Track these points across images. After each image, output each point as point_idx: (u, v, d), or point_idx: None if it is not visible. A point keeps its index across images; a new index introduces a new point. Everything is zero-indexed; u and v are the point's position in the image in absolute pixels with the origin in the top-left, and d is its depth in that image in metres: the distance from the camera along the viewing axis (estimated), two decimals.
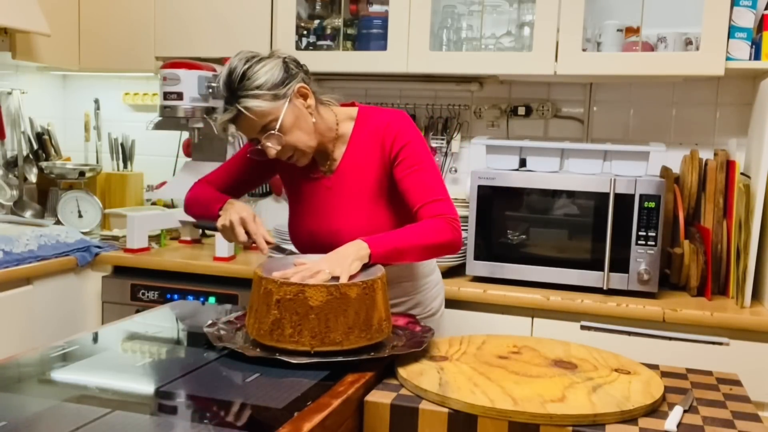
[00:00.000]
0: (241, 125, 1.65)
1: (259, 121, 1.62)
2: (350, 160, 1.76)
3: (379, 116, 1.77)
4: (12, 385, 1.23)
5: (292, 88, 1.65)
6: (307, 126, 1.67)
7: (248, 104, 1.60)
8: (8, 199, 3.03)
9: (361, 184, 1.75)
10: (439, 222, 1.63)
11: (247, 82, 1.60)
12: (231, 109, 1.62)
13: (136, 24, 2.87)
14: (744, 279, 2.14)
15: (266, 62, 1.64)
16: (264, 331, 1.39)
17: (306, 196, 1.80)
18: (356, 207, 1.75)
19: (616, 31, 2.46)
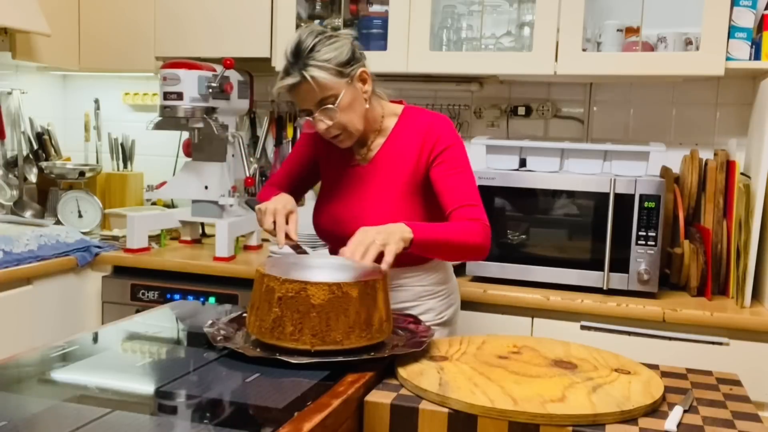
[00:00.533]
0: (300, 93, 1.67)
1: (319, 93, 1.65)
2: (387, 152, 1.80)
3: (424, 116, 1.82)
4: (12, 385, 1.23)
5: (356, 70, 1.70)
6: (360, 110, 1.73)
7: (314, 74, 1.63)
8: (8, 199, 3.03)
9: (393, 178, 1.78)
10: (476, 225, 1.67)
11: (317, 54, 1.63)
12: (295, 75, 1.64)
13: (136, 24, 2.87)
14: (744, 279, 2.14)
15: (336, 39, 1.68)
16: (265, 329, 1.39)
17: (337, 181, 1.84)
18: (385, 198, 1.78)
19: (616, 31, 2.46)
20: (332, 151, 1.86)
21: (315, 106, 1.67)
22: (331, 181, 1.87)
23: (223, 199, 2.64)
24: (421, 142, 1.77)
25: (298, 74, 1.64)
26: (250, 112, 3.00)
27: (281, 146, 3.07)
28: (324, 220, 1.85)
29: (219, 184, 2.66)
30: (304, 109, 1.71)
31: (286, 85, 1.66)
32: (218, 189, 2.66)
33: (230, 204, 2.65)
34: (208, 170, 2.69)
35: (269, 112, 3.08)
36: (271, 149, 3.10)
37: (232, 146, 2.73)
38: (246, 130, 3.12)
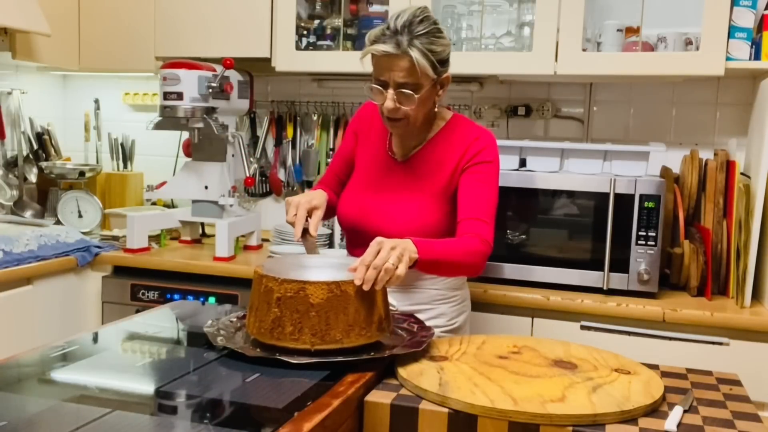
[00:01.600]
0: (390, 65, 1.65)
1: (409, 75, 1.65)
2: (428, 154, 1.81)
3: (472, 127, 1.84)
4: (12, 385, 1.23)
5: (446, 73, 1.73)
6: (429, 108, 1.76)
7: (416, 55, 1.62)
8: (8, 199, 3.03)
9: (430, 180, 1.79)
10: (477, 245, 1.68)
11: (426, 40, 1.64)
12: (399, 47, 1.62)
13: (136, 24, 2.87)
14: (744, 279, 2.14)
15: (444, 36, 1.70)
16: (264, 330, 1.39)
17: (373, 173, 1.85)
18: (417, 199, 1.79)
19: (616, 31, 2.46)
20: (371, 142, 1.88)
21: (396, 84, 1.66)
22: (365, 172, 1.88)
23: (223, 199, 2.64)
24: (463, 150, 1.79)
25: (400, 47, 1.62)
26: (250, 112, 3.00)
27: (281, 146, 3.07)
28: (350, 210, 1.85)
29: (219, 184, 2.66)
30: (381, 80, 1.68)
31: (384, 51, 1.63)
32: (218, 189, 2.66)
33: (230, 204, 2.65)
34: (208, 170, 2.69)
35: (269, 112, 3.08)
36: (271, 149, 3.10)
37: (232, 146, 2.73)
38: (246, 130, 3.12)
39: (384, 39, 1.64)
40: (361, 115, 1.96)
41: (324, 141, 3.01)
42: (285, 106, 3.07)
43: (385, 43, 1.63)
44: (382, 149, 1.87)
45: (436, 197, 1.79)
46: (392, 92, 1.68)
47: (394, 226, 1.75)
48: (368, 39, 1.68)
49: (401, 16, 1.64)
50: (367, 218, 1.81)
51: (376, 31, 1.66)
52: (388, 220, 1.77)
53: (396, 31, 1.63)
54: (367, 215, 1.81)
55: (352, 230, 1.86)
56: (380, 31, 1.65)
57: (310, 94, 3.06)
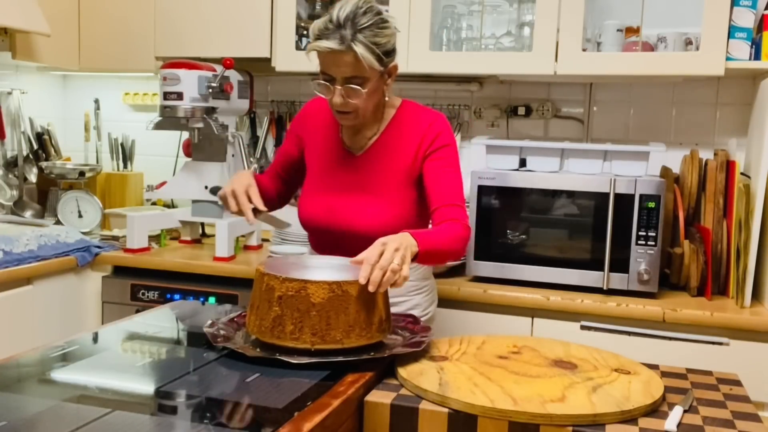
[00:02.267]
0: (335, 60, 1.63)
1: (355, 70, 1.63)
2: (384, 143, 1.80)
3: (424, 111, 1.83)
4: (12, 385, 1.23)
5: (393, 63, 1.71)
6: (378, 99, 1.74)
7: (361, 50, 1.60)
8: (8, 199, 3.03)
9: (390, 168, 1.79)
10: (460, 230, 1.69)
11: (370, 33, 1.61)
12: (341, 42, 1.60)
13: (136, 24, 2.87)
14: (744, 279, 2.14)
15: (388, 26, 1.67)
16: (265, 328, 1.39)
17: (329, 171, 1.83)
18: (382, 188, 1.78)
19: (616, 31, 2.46)
20: (320, 140, 1.85)
21: (342, 79, 1.65)
22: (322, 171, 1.85)
23: None
24: (420, 137, 1.78)
25: (344, 43, 1.60)
26: (250, 112, 3.00)
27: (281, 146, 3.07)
28: (316, 211, 1.82)
29: (219, 184, 2.66)
30: (327, 75, 1.67)
31: (328, 48, 1.60)
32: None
33: None
34: (208, 170, 2.69)
35: (269, 112, 3.08)
36: (271, 149, 3.10)
37: (232, 146, 2.73)
38: (246, 130, 3.12)
39: (328, 34, 1.61)
40: (303, 117, 1.92)
41: None
42: (285, 106, 3.07)
43: (329, 38, 1.60)
44: (335, 146, 1.84)
45: (400, 186, 1.78)
46: (340, 87, 1.66)
47: (365, 222, 1.75)
48: (312, 33, 1.65)
49: (344, 8, 1.61)
50: (336, 218, 1.78)
51: (320, 24, 1.62)
52: (359, 216, 1.76)
53: (339, 24, 1.60)
54: (335, 215, 1.78)
55: (321, 231, 1.83)
56: (324, 25, 1.62)
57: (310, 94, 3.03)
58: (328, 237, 1.80)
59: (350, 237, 1.75)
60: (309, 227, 1.86)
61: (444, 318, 2.23)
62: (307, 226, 1.87)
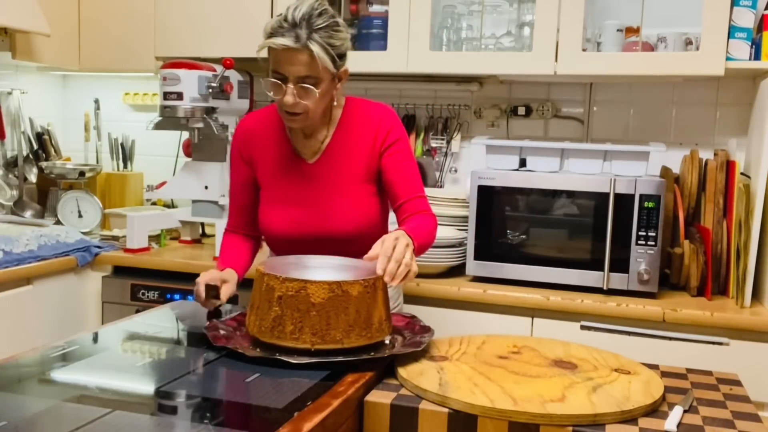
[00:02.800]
0: (289, 59, 1.61)
1: (309, 69, 1.62)
2: (337, 144, 1.79)
3: (371, 107, 1.83)
4: (12, 385, 1.23)
5: (344, 66, 1.71)
6: (327, 102, 1.74)
7: (317, 50, 1.59)
8: (8, 199, 3.03)
9: (348, 169, 1.78)
10: (433, 221, 1.75)
11: (325, 34, 1.61)
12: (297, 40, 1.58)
13: (136, 24, 2.87)
14: (744, 279, 2.14)
15: (342, 30, 1.68)
16: (265, 328, 1.39)
17: (289, 182, 1.80)
18: (344, 190, 1.78)
19: (616, 31, 2.46)
20: (270, 154, 1.82)
21: (295, 79, 1.63)
22: (279, 183, 1.81)
23: (223, 199, 2.64)
24: (373, 133, 1.79)
25: (300, 41, 1.59)
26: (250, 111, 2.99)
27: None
28: (282, 224, 1.79)
29: (219, 184, 2.66)
30: (280, 74, 1.64)
31: (284, 45, 1.58)
32: (218, 189, 2.66)
33: None
34: (208, 170, 2.69)
35: None
36: None
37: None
38: None
39: (282, 32, 1.59)
40: (243, 138, 1.86)
41: None
42: None
43: (284, 36, 1.59)
44: (288, 155, 1.80)
45: (360, 184, 1.79)
46: (292, 87, 1.63)
47: (335, 225, 1.75)
48: (265, 31, 1.64)
49: (299, 8, 1.61)
50: (305, 228, 1.76)
51: (274, 23, 1.62)
52: (328, 221, 1.75)
53: (294, 23, 1.59)
54: (304, 225, 1.77)
55: (290, 242, 1.79)
56: (278, 23, 1.61)
57: None
58: (298, 246, 1.77)
59: (322, 242, 1.75)
60: (276, 240, 1.83)
61: (444, 318, 2.23)
62: (273, 239, 1.84)
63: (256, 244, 1.94)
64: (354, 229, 1.75)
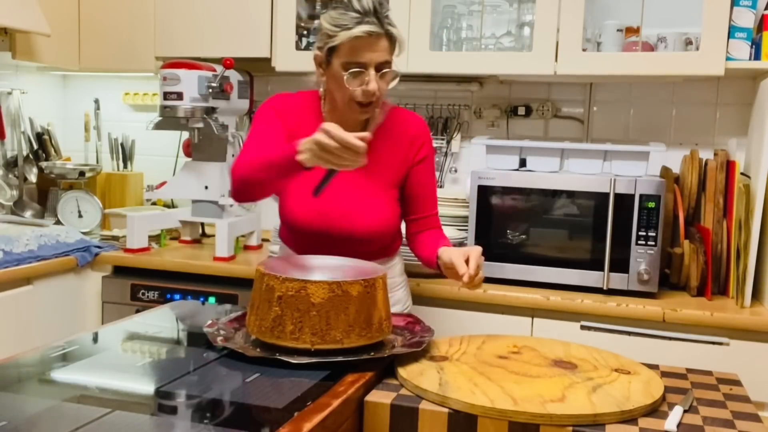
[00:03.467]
0: (373, 46, 1.63)
1: (386, 54, 1.65)
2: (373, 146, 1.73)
3: (409, 116, 1.87)
4: (12, 385, 1.23)
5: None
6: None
7: (395, 32, 1.64)
8: (8, 199, 3.03)
9: (381, 172, 1.80)
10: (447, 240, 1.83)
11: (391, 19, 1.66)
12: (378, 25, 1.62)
13: (136, 24, 2.87)
14: (744, 279, 2.14)
15: None
16: (265, 328, 1.39)
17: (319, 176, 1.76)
18: (374, 191, 1.79)
19: (616, 31, 2.46)
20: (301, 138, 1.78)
21: (375, 65, 1.65)
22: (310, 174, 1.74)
23: (223, 199, 2.65)
24: (409, 143, 1.82)
25: (382, 26, 1.63)
26: (250, 112, 2.99)
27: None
28: (308, 215, 1.77)
29: (219, 184, 2.66)
30: (358, 64, 1.64)
31: (368, 31, 1.61)
32: (218, 189, 2.66)
33: (230, 204, 2.65)
34: (208, 170, 2.69)
35: None
36: None
37: (232, 146, 2.73)
38: (246, 130, 3.11)
39: (361, 20, 1.62)
40: (279, 108, 1.80)
41: None
42: None
43: (366, 23, 1.61)
44: None
45: (388, 188, 1.81)
46: (374, 73, 1.65)
47: (360, 225, 1.76)
48: (333, 23, 1.63)
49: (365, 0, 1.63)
50: (332, 222, 1.76)
51: (337, 17, 1.63)
52: (355, 221, 1.76)
53: (368, 11, 1.62)
54: (331, 219, 1.76)
55: (313, 235, 1.78)
56: (343, 15, 1.63)
57: None
58: (319, 240, 1.77)
59: (342, 239, 1.76)
60: (296, 229, 1.81)
61: (444, 318, 2.23)
62: (293, 229, 1.82)
63: None
64: (377, 231, 1.78)
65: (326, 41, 1.66)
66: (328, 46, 1.66)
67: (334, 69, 1.68)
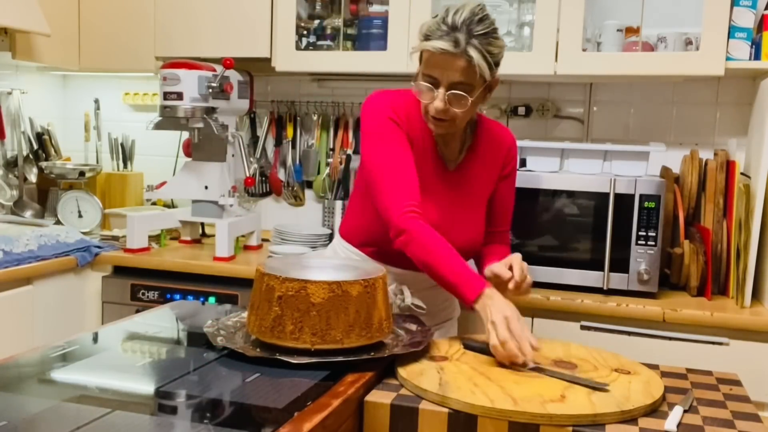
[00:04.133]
0: (445, 63, 1.55)
1: (464, 76, 1.56)
2: (472, 159, 1.77)
3: (502, 129, 1.84)
4: (12, 385, 1.23)
5: (495, 75, 1.64)
6: (474, 110, 1.69)
7: (475, 56, 1.54)
8: (8, 199, 3.03)
9: (478, 185, 1.78)
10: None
11: (484, 40, 1.56)
12: (456, 44, 1.53)
13: (136, 24, 2.87)
14: (744, 279, 2.14)
15: (499, 38, 1.62)
16: (265, 328, 1.39)
17: (428, 182, 1.71)
18: (473, 205, 1.78)
19: (616, 31, 2.46)
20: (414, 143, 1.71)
21: (448, 84, 1.57)
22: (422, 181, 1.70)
23: (223, 199, 2.65)
24: (503, 157, 1.80)
25: (459, 46, 1.53)
26: (250, 112, 3.00)
27: (281, 146, 3.07)
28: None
29: (219, 184, 2.66)
30: (432, 78, 1.58)
31: (442, 49, 1.53)
32: (218, 189, 2.66)
33: (230, 204, 2.65)
34: (208, 170, 2.69)
35: (269, 112, 3.08)
36: (271, 149, 3.10)
37: (232, 146, 2.73)
38: (246, 130, 3.12)
39: (440, 35, 1.54)
40: (400, 113, 1.71)
41: (324, 141, 3.01)
42: (285, 106, 3.07)
43: (442, 39, 1.53)
44: (431, 154, 1.73)
45: (484, 203, 1.80)
46: (443, 92, 1.58)
47: (461, 238, 1.69)
48: (421, 32, 1.58)
49: (460, 12, 1.55)
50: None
51: (431, 25, 1.56)
52: (456, 233, 1.69)
53: (454, 27, 1.53)
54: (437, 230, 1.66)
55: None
56: (435, 26, 1.55)
57: (310, 94, 3.06)
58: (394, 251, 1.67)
59: None
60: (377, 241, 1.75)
61: None
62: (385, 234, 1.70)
63: None
64: (471, 245, 1.75)
65: (418, 46, 1.60)
66: (414, 52, 1.61)
67: (417, 75, 1.63)
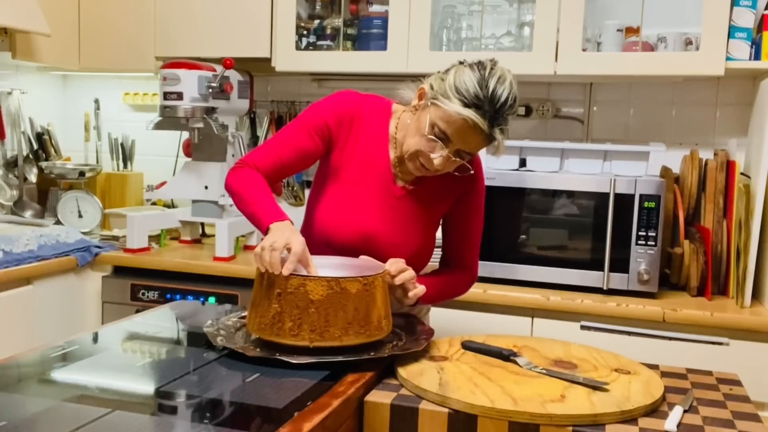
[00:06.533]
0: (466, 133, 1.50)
1: (477, 147, 1.55)
2: (429, 180, 1.68)
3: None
4: (12, 385, 1.23)
5: None
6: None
7: (498, 138, 1.51)
8: (8, 199, 3.03)
9: (430, 207, 1.71)
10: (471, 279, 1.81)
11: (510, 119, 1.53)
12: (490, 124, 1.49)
13: (137, 24, 2.87)
14: (744, 279, 2.14)
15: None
16: (265, 325, 1.39)
17: (373, 193, 1.67)
18: (424, 225, 1.71)
19: (616, 31, 2.46)
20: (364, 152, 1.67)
21: (457, 150, 1.54)
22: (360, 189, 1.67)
23: (223, 199, 2.65)
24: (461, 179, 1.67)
25: (492, 126, 1.49)
26: (250, 112, 3.00)
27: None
28: (347, 234, 1.65)
29: (219, 184, 2.66)
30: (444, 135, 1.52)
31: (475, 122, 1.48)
32: (218, 189, 2.66)
33: (230, 204, 2.65)
34: (208, 170, 2.69)
35: (269, 112, 3.08)
36: None
37: (232, 146, 2.73)
38: (246, 130, 3.11)
39: (479, 106, 1.48)
40: (347, 114, 1.68)
41: None
42: (285, 106, 3.06)
43: (480, 114, 1.48)
44: (383, 167, 1.67)
45: (434, 225, 1.74)
46: (448, 153, 1.53)
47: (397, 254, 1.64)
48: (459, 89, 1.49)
49: (503, 90, 1.50)
50: (369, 246, 1.65)
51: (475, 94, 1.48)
52: (394, 249, 1.65)
53: (490, 102, 1.48)
54: (370, 244, 1.65)
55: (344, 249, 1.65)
56: (478, 96, 1.48)
57: (310, 94, 3.05)
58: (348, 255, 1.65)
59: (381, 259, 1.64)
60: (329, 245, 1.67)
61: (444, 318, 2.23)
62: (327, 245, 1.67)
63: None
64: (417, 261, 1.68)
65: (440, 91, 1.52)
66: (436, 97, 1.52)
67: (424, 116, 1.55)
